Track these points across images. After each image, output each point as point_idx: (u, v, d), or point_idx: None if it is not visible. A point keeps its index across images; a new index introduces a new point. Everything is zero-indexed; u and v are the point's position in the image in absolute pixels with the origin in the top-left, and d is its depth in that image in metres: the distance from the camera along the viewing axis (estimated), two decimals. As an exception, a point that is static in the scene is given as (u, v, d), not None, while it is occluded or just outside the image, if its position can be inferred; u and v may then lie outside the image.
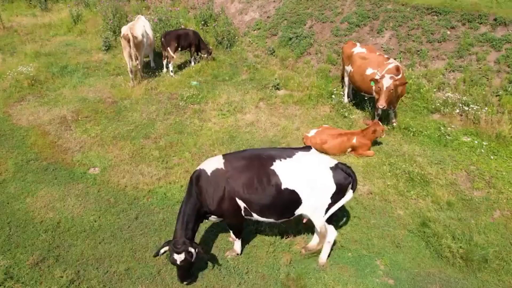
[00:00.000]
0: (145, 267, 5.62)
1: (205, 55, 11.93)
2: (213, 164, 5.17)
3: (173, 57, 11.14)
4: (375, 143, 8.28)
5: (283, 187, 4.90)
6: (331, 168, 4.93)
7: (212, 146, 8.27)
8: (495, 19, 10.10)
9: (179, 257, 4.84)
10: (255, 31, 13.16)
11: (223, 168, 5.09)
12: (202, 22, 13.35)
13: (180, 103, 9.89)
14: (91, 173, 7.58)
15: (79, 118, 9.28)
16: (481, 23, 10.28)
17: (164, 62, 11.60)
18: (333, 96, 9.85)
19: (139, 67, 10.70)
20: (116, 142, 8.49)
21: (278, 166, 4.95)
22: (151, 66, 11.92)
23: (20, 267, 5.60)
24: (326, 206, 5.00)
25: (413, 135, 8.61)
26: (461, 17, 10.55)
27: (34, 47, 13.11)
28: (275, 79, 10.63)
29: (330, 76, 11.06)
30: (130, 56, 10.19)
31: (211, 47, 12.18)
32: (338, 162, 5.04)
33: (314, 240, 5.82)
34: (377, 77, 8.31)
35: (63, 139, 8.56)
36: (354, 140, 7.95)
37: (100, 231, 6.26)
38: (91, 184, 7.27)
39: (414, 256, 5.82)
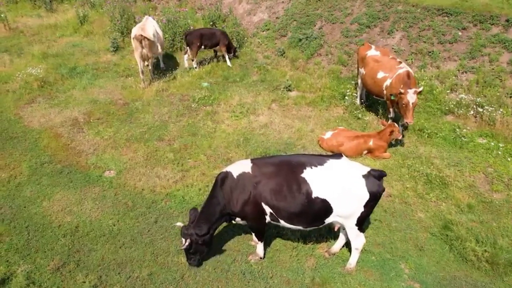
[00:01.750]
0: (168, 272, 5.56)
1: (231, 54, 11.96)
2: (240, 167, 5.13)
3: (195, 55, 11.53)
4: (391, 145, 8.24)
5: (314, 195, 4.84)
6: (364, 176, 4.86)
7: (227, 148, 8.21)
8: (507, 20, 10.09)
9: (182, 240, 5.31)
10: (264, 32, 13.10)
11: (251, 172, 5.04)
12: (211, 23, 13.28)
13: (192, 105, 9.83)
14: (107, 176, 7.50)
15: (91, 120, 9.20)
16: (493, 24, 10.27)
17: (185, 56, 11.80)
18: (346, 97, 9.80)
19: (150, 67, 10.63)
20: (130, 144, 8.42)
21: (309, 174, 4.89)
22: (161, 67, 11.84)
23: (41, 272, 5.53)
24: (359, 215, 4.94)
25: (428, 136, 8.58)
26: (473, 18, 10.54)
27: (41, 48, 13.01)
28: (287, 80, 10.58)
29: (342, 78, 11.02)
30: (142, 57, 10.11)
31: (236, 46, 12.20)
32: (371, 169, 4.98)
33: (338, 244, 5.79)
34: (387, 83, 8.25)
35: (76, 142, 8.48)
36: (371, 143, 7.91)
37: (119, 235, 6.19)
38: (108, 187, 7.19)
39: (438, 260, 5.79)
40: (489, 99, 9.13)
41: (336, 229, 5.44)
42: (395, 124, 8.05)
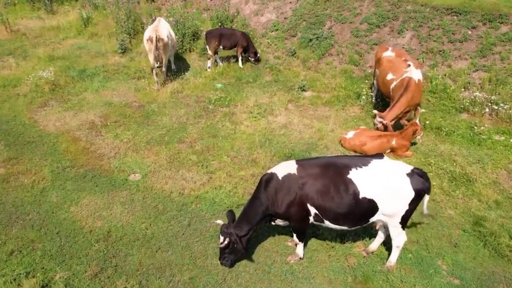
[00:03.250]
0: (209, 275, 5.52)
1: (252, 59, 11.89)
2: (285, 168, 5.13)
3: (212, 55, 11.45)
4: (411, 143, 8.32)
5: (361, 195, 4.87)
6: (408, 175, 4.91)
7: (250, 149, 8.20)
8: (516, 19, 10.28)
9: (220, 238, 5.35)
10: (273, 32, 13.10)
11: (296, 173, 5.05)
12: (219, 24, 13.23)
13: (209, 106, 9.79)
14: (132, 179, 7.41)
15: (108, 123, 9.08)
16: (502, 22, 10.45)
17: (216, 56, 11.87)
18: (363, 97, 9.87)
19: (164, 69, 10.56)
20: (151, 147, 8.34)
21: (355, 174, 4.92)
22: (172, 69, 11.75)
23: (80, 278, 5.44)
24: (403, 213, 4.98)
25: (445, 134, 8.69)
26: (482, 17, 10.71)
27: (46, 51, 12.81)
28: (302, 80, 10.61)
29: (354, 77, 11.10)
30: (156, 58, 10.03)
31: (258, 51, 12.07)
32: (414, 168, 5.04)
33: (376, 242, 5.83)
34: (392, 85, 8.40)
35: (95, 145, 8.36)
36: (394, 142, 7.98)
37: (154, 239, 6.13)
38: (135, 191, 7.11)
39: (474, 256, 5.87)
40: (503, 96, 9.30)
41: (378, 227, 5.48)
42: (417, 123, 8.14)
